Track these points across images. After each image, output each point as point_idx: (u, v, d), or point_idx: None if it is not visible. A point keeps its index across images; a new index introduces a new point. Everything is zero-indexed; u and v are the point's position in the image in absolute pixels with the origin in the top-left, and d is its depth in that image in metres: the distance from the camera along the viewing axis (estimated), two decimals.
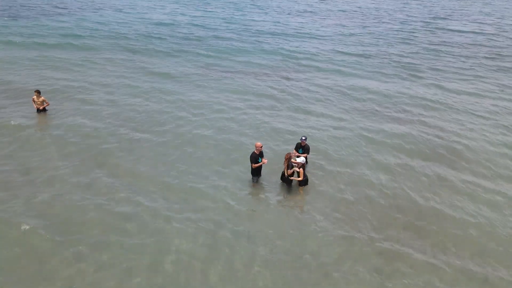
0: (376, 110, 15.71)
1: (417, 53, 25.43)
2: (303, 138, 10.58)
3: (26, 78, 18.16)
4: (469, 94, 17.94)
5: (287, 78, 19.55)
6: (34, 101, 14.02)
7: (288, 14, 42.53)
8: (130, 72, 19.84)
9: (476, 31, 33.56)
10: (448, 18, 41.17)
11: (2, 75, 18.49)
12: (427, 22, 38.47)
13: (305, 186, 10.00)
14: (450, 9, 49.00)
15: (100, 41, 26.13)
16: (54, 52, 22.92)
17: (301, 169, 9.71)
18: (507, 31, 33.65)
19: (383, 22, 37.84)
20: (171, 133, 13.06)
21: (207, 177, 10.52)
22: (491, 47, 27.47)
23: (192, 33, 29.87)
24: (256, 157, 9.82)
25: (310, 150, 10.75)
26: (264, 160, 9.89)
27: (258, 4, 50.08)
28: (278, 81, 19.09)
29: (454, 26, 35.85)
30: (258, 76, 19.82)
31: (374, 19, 39.78)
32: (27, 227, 8.42)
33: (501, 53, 25.67)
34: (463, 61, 23.56)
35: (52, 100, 15.00)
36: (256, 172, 10.11)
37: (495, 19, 40.54)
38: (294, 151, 10.73)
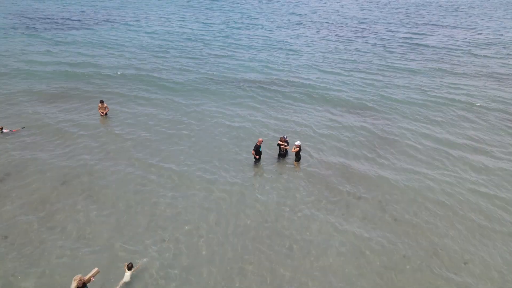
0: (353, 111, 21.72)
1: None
2: (284, 136, 16.50)
3: (96, 93, 24.32)
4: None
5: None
6: (99, 108, 20.09)
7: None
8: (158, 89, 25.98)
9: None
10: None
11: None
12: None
13: (299, 162, 16.02)
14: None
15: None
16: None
17: (297, 148, 15.68)
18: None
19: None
20: (200, 130, 19.08)
21: (226, 160, 16.55)
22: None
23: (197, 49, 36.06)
24: (257, 147, 15.79)
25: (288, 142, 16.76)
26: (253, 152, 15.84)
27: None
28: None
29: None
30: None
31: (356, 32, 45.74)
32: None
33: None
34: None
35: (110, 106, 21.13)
36: (257, 157, 16.06)
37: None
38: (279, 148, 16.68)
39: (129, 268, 10.29)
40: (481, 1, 78.71)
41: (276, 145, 16.69)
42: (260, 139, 15.93)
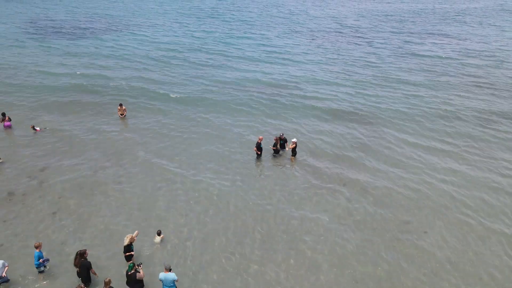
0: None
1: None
2: (281, 133, 19.57)
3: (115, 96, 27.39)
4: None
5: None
6: (119, 110, 23.19)
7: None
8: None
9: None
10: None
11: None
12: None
13: (295, 157, 19.08)
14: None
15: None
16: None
17: (294, 145, 18.75)
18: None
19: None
20: (212, 129, 22.14)
21: (233, 152, 19.60)
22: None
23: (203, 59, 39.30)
24: (258, 144, 18.82)
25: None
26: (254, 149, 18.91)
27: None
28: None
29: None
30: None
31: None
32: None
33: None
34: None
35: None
36: (259, 153, 19.10)
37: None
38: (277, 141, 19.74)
39: (159, 234, 13.31)
40: (475, 8, 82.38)
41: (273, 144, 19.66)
42: (261, 136, 19.01)
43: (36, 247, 11.92)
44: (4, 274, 11.57)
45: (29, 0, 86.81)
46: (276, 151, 19.31)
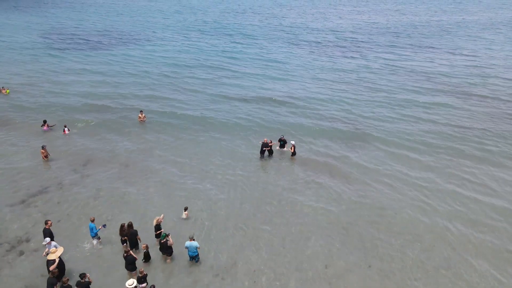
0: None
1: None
2: (282, 135, 23.40)
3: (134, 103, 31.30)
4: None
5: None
6: (139, 117, 27.05)
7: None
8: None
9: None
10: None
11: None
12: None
13: (294, 156, 22.82)
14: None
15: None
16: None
17: (293, 147, 22.52)
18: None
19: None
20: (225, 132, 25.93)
21: (241, 152, 23.35)
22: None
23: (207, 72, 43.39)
24: (263, 146, 22.58)
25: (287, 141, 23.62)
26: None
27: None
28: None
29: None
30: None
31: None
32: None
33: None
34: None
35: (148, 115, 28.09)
36: (262, 153, 22.83)
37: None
38: (278, 142, 23.53)
39: (185, 209, 17.01)
40: (470, 21, 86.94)
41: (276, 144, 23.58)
42: (265, 139, 22.79)
43: (92, 220, 15.56)
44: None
45: (39, 12, 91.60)
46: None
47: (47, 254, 13.90)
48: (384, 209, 18.14)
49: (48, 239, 14.22)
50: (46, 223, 14.94)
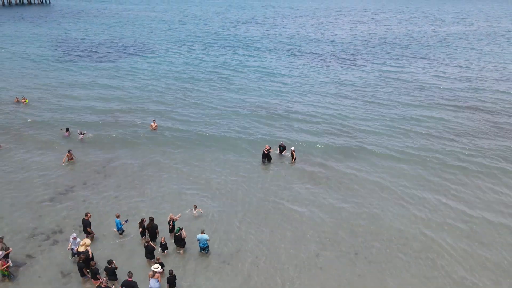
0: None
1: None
2: (281, 142, 26.01)
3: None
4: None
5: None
6: (151, 125, 29.75)
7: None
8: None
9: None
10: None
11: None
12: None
13: (294, 161, 25.37)
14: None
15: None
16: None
17: (293, 152, 25.12)
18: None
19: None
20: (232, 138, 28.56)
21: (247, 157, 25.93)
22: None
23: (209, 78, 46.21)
24: (264, 152, 25.15)
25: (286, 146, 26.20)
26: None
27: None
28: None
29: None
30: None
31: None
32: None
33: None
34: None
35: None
36: (264, 158, 25.40)
37: None
38: (278, 149, 26.14)
39: (195, 207, 19.56)
40: (468, 31, 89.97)
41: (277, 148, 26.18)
42: (267, 145, 25.39)
43: (117, 216, 18.10)
44: (76, 248, 16.68)
45: (46, 23, 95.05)
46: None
47: (71, 249, 16.37)
48: (373, 217, 20.64)
49: (74, 234, 16.71)
50: (86, 215, 17.53)
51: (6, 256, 15.75)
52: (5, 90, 39.37)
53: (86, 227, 17.34)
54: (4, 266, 15.45)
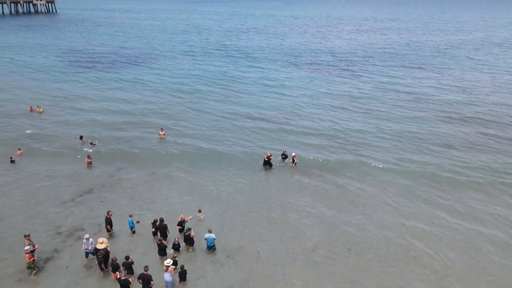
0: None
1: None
2: (284, 150, 28.12)
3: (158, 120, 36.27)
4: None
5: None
6: (160, 134, 31.91)
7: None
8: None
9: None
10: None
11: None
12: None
13: (295, 166, 27.41)
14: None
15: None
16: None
17: (294, 157, 27.19)
18: None
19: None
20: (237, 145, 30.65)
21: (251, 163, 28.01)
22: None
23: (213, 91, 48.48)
24: (265, 160, 27.23)
25: (288, 154, 28.29)
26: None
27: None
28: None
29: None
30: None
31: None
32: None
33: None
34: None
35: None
36: (265, 164, 27.45)
37: None
38: (280, 157, 28.24)
39: (199, 211, 21.57)
40: (465, 41, 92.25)
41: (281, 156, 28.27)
42: (268, 153, 27.47)
43: (130, 216, 20.13)
44: (91, 247, 18.62)
45: (51, 32, 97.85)
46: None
47: (86, 249, 18.24)
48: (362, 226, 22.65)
49: (87, 235, 18.57)
50: (107, 213, 19.65)
51: (32, 252, 17.76)
52: (15, 101, 41.56)
53: (107, 225, 19.50)
54: (31, 259, 17.43)
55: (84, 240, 18.17)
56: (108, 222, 19.48)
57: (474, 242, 19.76)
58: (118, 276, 16.44)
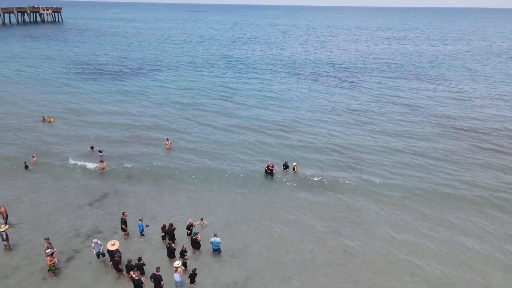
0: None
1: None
2: (286, 161, 29.81)
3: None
4: None
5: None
6: (166, 144, 33.66)
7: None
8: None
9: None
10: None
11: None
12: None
13: (296, 173, 29.09)
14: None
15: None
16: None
17: (295, 166, 28.87)
18: None
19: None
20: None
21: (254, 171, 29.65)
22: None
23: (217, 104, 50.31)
24: (268, 168, 28.91)
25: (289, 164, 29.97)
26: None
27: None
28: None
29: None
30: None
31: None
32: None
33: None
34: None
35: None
36: (267, 174, 29.09)
37: None
38: (282, 166, 29.93)
39: (202, 219, 23.15)
40: (464, 50, 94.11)
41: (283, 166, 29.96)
42: (269, 162, 29.15)
43: (140, 220, 21.74)
44: (101, 250, 20.30)
45: (56, 41, 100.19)
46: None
47: (97, 252, 19.87)
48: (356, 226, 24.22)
49: (96, 239, 20.16)
50: (123, 214, 21.36)
51: (52, 254, 19.35)
52: (27, 112, 43.47)
53: (122, 225, 21.20)
54: (52, 262, 19.01)
55: (93, 244, 19.75)
56: (123, 222, 21.12)
57: (471, 256, 20.62)
58: (134, 276, 18.00)
